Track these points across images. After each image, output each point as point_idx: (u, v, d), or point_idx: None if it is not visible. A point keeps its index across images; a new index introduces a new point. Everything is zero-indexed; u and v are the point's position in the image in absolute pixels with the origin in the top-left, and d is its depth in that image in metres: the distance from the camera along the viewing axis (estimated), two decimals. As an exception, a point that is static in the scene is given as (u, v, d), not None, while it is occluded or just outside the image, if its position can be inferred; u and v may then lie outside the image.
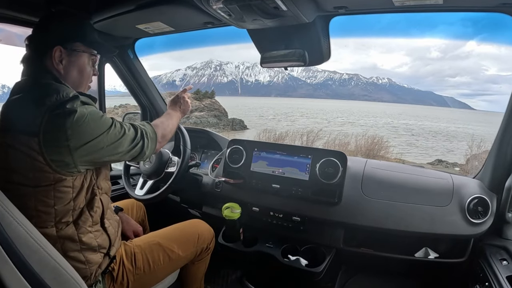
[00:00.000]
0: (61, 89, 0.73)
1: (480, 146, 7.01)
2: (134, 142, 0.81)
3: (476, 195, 1.02)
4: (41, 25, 0.81)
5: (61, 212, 0.74)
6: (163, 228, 1.08)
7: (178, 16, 1.08)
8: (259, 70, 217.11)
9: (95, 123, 0.73)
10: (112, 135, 0.75)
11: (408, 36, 47.52)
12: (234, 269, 1.51)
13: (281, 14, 0.87)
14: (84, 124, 0.70)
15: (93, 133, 0.72)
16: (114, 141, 0.76)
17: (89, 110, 0.73)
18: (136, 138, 0.82)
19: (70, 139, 0.68)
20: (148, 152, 0.86)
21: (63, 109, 0.69)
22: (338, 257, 1.16)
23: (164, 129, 0.95)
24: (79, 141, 0.70)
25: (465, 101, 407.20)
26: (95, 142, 0.72)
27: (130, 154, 0.81)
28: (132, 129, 0.82)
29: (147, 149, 0.84)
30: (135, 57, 1.54)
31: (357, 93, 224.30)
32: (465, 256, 1.04)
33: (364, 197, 1.12)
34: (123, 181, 1.39)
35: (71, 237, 0.76)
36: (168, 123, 0.99)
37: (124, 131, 0.79)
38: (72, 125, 0.68)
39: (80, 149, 0.70)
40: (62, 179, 0.71)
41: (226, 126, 16.05)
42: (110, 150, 0.76)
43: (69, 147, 0.69)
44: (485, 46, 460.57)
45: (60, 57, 0.77)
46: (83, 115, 0.70)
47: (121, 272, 0.89)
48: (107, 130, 0.75)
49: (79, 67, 0.81)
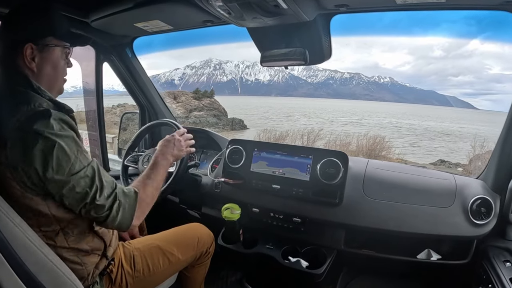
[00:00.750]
0: (33, 99, 0.68)
1: (483, 146, 7.02)
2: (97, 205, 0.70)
3: (479, 195, 1.02)
4: (8, 20, 0.75)
5: (44, 223, 0.70)
6: (163, 231, 1.07)
7: (177, 14, 1.07)
8: (259, 69, 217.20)
9: (64, 162, 0.65)
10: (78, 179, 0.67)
11: (410, 35, 47.23)
12: (234, 270, 1.51)
13: (282, 12, 0.87)
14: (50, 156, 0.64)
15: (59, 169, 0.65)
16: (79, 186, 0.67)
17: (60, 143, 0.65)
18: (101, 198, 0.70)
19: (36, 164, 0.63)
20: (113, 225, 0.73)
21: (31, 128, 0.64)
22: (339, 259, 1.16)
23: (148, 202, 0.81)
24: (44, 170, 0.64)
25: (468, 101, 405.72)
26: (61, 180, 0.66)
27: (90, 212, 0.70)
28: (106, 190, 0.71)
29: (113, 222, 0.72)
30: (134, 56, 1.54)
31: (358, 92, 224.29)
32: (468, 257, 1.04)
33: (366, 197, 1.12)
34: (121, 181, 1.38)
35: (61, 243, 0.74)
36: (153, 184, 0.85)
37: (95, 187, 0.69)
38: (38, 152, 0.63)
39: (48, 179, 0.65)
40: (31, 198, 0.67)
41: (225, 125, 16.06)
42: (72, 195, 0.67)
43: (37, 171, 0.64)
44: (489, 44, 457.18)
45: (31, 54, 0.72)
46: (52, 145, 0.64)
47: (119, 275, 0.89)
48: (76, 173, 0.67)
49: (52, 62, 0.76)
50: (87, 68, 1.51)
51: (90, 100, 1.56)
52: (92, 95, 1.53)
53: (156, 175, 0.87)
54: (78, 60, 1.54)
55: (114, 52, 1.48)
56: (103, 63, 1.50)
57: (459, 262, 1.05)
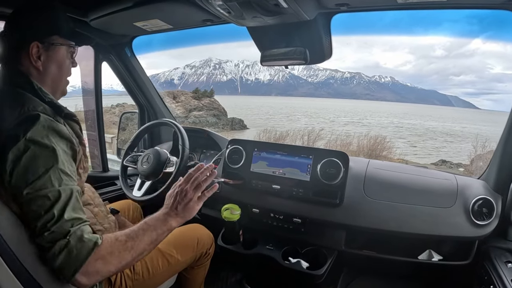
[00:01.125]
0: (28, 101, 0.67)
1: (485, 146, 7.02)
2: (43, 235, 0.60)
3: (481, 196, 1.02)
4: (13, 20, 0.75)
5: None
6: None
7: (177, 13, 1.07)
8: (259, 68, 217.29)
9: (27, 172, 0.60)
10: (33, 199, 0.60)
11: (411, 34, 47.14)
12: (234, 271, 1.51)
13: (282, 12, 0.87)
14: (18, 161, 0.60)
15: (20, 178, 0.60)
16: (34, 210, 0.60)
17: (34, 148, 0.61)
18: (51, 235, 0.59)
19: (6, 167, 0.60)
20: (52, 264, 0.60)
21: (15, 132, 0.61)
22: (339, 260, 1.16)
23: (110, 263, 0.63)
24: (10, 174, 0.60)
25: (470, 100, 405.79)
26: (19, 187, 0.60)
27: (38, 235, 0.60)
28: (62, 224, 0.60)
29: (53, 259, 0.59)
30: (133, 55, 1.54)
31: (359, 92, 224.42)
32: (470, 258, 1.04)
33: (366, 198, 1.12)
34: (120, 182, 1.39)
35: None
36: (133, 247, 0.67)
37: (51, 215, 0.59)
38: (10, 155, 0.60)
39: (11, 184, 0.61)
40: None
41: (225, 125, 16.06)
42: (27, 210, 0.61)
43: (5, 174, 0.61)
44: (491, 44, 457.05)
45: (37, 53, 0.72)
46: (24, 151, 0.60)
47: (119, 277, 0.89)
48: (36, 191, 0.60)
49: (58, 61, 0.76)
50: (86, 67, 1.51)
51: (89, 100, 1.56)
52: (91, 94, 1.54)
53: (144, 236, 0.69)
54: (77, 60, 1.54)
55: (113, 51, 1.48)
56: (102, 63, 1.50)
57: (461, 263, 1.05)
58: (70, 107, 0.77)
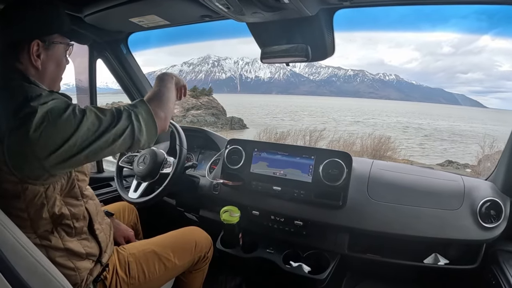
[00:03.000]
0: (29, 90, 0.68)
1: (493, 146, 7.02)
2: (119, 130, 0.69)
3: (489, 198, 1.02)
4: (9, 17, 0.72)
5: (38, 222, 0.71)
6: (159, 236, 1.08)
7: (174, 9, 1.07)
8: (259, 66, 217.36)
9: (60, 123, 0.64)
10: (85, 130, 0.66)
11: (418, 30, 47.32)
12: (233, 276, 1.51)
13: (283, 7, 0.87)
14: (46, 127, 0.63)
15: (59, 136, 0.64)
16: (91, 136, 0.66)
17: (50, 107, 0.65)
18: (121, 124, 0.70)
19: (35, 146, 0.62)
20: (145, 137, 0.74)
21: (23, 112, 0.63)
22: (342, 264, 1.16)
23: (161, 100, 0.80)
24: (46, 149, 0.63)
25: (477, 99, 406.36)
26: (67, 146, 0.64)
27: (120, 145, 0.70)
28: (113, 114, 0.71)
29: (140, 134, 0.72)
30: (128, 52, 1.54)
31: (362, 90, 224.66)
32: (477, 262, 1.04)
33: (370, 200, 1.12)
34: (116, 183, 1.39)
35: (55, 245, 0.75)
36: (164, 91, 0.83)
37: (100, 120, 0.68)
38: (32, 131, 0.62)
39: (50, 157, 0.64)
40: (31, 189, 0.67)
41: (224, 125, 16.07)
42: (89, 149, 0.67)
43: (35, 154, 0.63)
44: (500, 41, 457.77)
45: (37, 51, 0.72)
46: (43, 115, 0.63)
47: (114, 282, 0.89)
48: (78, 126, 0.65)
49: (56, 60, 0.77)
50: (80, 65, 1.51)
51: (83, 98, 1.56)
52: (85, 93, 1.53)
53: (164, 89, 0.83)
54: (71, 57, 1.54)
55: (109, 48, 1.48)
56: (96, 60, 1.50)
57: (468, 267, 1.05)
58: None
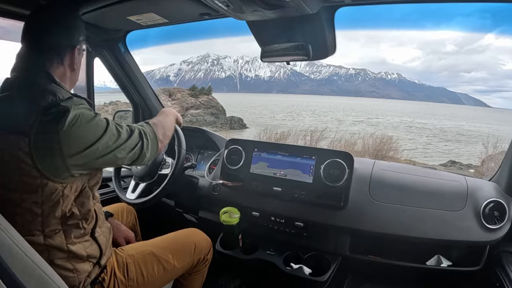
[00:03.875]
0: (58, 91, 0.75)
1: (496, 146, 7.01)
2: (131, 144, 0.81)
3: (492, 198, 1.02)
4: (48, 23, 0.80)
5: (49, 220, 0.74)
6: (158, 237, 1.08)
7: (173, 6, 1.08)
8: (260, 64, 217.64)
9: (89, 127, 0.73)
10: (107, 139, 0.76)
11: (420, 29, 47.57)
12: (233, 278, 1.51)
13: (283, 5, 0.87)
14: (77, 128, 0.71)
15: (87, 139, 0.72)
16: (111, 145, 0.76)
17: (81, 110, 0.73)
18: (133, 139, 0.82)
19: (63, 144, 0.69)
20: (149, 154, 0.87)
21: (56, 109, 0.70)
22: (344, 265, 1.16)
23: (163, 127, 0.95)
24: (73, 148, 0.71)
25: (480, 98, 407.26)
26: (90, 150, 0.73)
27: (129, 157, 0.82)
28: (128, 130, 0.82)
29: (147, 150, 0.85)
30: (126, 51, 1.54)
31: (364, 89, 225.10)
32: (480, 264, 1.04)
33: (372, 201, 1.12)
34: (114, 184, 1.39)
35: (59, 246, 0.76)
36: (166, 120, 1.00)
37: (119, 133, 0.79)
38: (65, 128, 0.69)
39: (74, 156, 0.71)
40: (50, 186, 0.71)
41: (224, 124, 16.06)
42: (107, 156, 0.76)
43: (62, 152, 0.69)
44: (504, 39, 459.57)
45: (73, 57, 0.82)
46: (75, 116, 0.71)
47: (112, 283, 0.89)
48: (103, 134, 0.75)
49: (80, 65, 0.86)
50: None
51: (80, 98, 1.56)
52: (82, 92, 1.53)
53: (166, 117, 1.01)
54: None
55: (106, 47, 1.48)
56: (94, 59, 1.50)
57: (471, 269, 1.05)
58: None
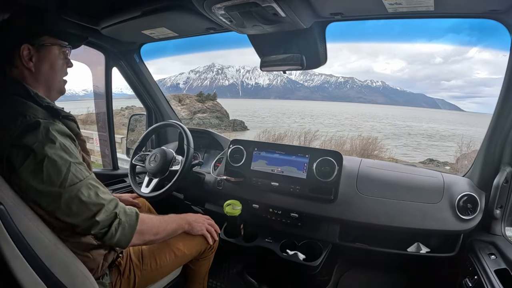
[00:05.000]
0: (28, 110, 0.65)
1: (470, 145, 7.01)
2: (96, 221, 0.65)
3: (466, 192, 1.02)
4: (2, 24, 0.70)
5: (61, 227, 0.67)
6: None
7: (182, 22, 1.07)
8: (259, 73, 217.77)
9: (52, 175, 0.61)
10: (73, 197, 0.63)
11: (403, 41, 47.16)
12: (235, 263, 1.51)
13: (280, 20, 0.87)
14: (40, 170, 0.60)
15: (50, 183, 0.61)
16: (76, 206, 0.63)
17: (48, 153, 0.61)
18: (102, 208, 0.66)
19: (29, 180, 0.60)
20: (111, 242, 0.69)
21: (21, 143, 0.60)
22: (334, 252, 1.16)
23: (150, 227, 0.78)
24: (37, 184, 0.61)
25: (455, 103, 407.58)
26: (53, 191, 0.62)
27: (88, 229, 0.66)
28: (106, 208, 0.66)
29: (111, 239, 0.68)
30: (141, 61, 1.54)
31: (352, 95, 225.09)
32: (455, 250, 1.04)
33: (359, 194, 1.12)
34: (129, 179, 1.38)
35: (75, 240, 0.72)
36: (161, 225, 0.82)
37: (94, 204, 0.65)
38: (29, 167, 0.60)
39: (41, 191, 0.61)
40: None
41: (227, 127, 16.06)
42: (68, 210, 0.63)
43: (31, 186, 0.61)
44: (480, 51, 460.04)
45: (29, 54, 0.70)
46: (41, 159, 0.60)
47: (128, 267, 0.89)
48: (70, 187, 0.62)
49: (50, 61, 0.73)
50: (97, 72, 1.52)
51: (100, 103, 1.56)
52: (102, 98, 1.54)
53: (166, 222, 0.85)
54: (89, 65, 1.54)
55: (123, 57, 1.48)
56: (112, 68, 1.50)
57: (447, 255, 1.05)
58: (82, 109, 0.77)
